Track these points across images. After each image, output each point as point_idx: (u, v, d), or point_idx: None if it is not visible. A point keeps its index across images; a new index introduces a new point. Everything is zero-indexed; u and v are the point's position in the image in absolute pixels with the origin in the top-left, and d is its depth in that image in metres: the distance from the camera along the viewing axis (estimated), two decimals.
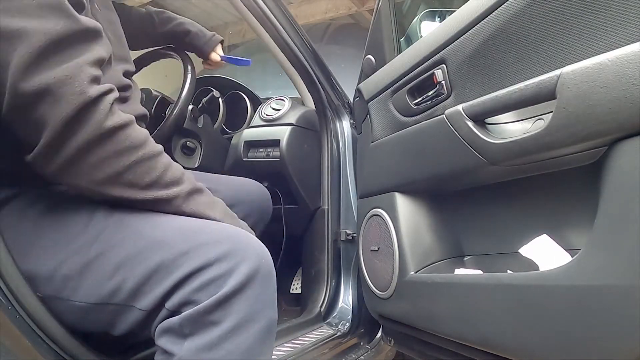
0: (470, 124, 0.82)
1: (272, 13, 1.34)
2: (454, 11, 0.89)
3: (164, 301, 0.59)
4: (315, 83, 1.47)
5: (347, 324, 1.39)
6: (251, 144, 1.52)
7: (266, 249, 0.65)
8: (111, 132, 0.56)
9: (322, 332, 1.34)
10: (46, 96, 0.52)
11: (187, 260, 0.58)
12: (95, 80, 0.55)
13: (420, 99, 1.00)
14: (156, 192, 0.62)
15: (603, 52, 0.61)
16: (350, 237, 1.47)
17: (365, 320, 1.41)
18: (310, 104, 1.56)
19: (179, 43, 1.23)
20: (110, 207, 0.64)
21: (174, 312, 0.58)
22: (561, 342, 0.67)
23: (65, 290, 0.61)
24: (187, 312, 0.57)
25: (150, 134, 0.65)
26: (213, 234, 0.62)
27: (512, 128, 0.81)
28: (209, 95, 1.45)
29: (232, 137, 1.60)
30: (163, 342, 0.59)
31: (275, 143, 1.46)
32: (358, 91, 1.28)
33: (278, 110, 1.52)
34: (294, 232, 1.61)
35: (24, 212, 0.65)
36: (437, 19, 1.18)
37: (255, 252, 0.62)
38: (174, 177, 0.63)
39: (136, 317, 0.61)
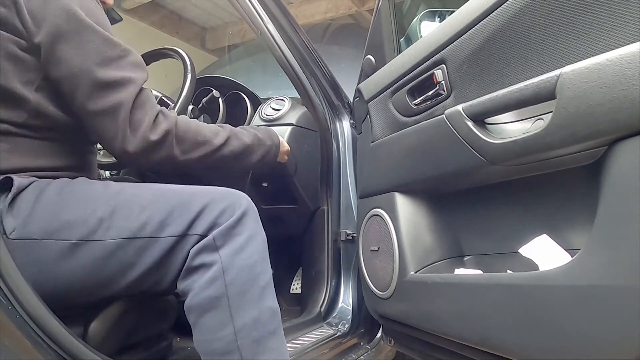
0: (470, 124, 0.82)
1: (272, 13, 1.34)
2: (454, 11, 0.89)
3: (189, 228, 0.76)
4: (311, 87, 1.46)
5: (347, 324, 1.39)
6: None
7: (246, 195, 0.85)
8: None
9: (322, 332, 1.34)
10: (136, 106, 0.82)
11: (198, 198, 0.78)
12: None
13: (420, 99, 1.00)
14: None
15: (603, 52, 0.62)
16: (350, 237, 1.46)
17: (365, 320, 1.41)
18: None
19: None
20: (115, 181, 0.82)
21: (202, 236, 0.76)
22: (561, 342, 0.67)
23: (99, 231, 0.72)
24: (217, 229, 0.77)
25: None
26: (204, 189, 0.82)
27: (512, 128, 0.81)
28: (209, 95, 1.45)
29: None
30: (199, 259, 0.76)
31: None
32: (358, 91, 1.28)
33: (278, 110, 1.51)
34: (294, 232, 1.60)
35: (43, 189, 0.74)
36: (437, 19, 1.18)
37: (241, 195, 0.84)
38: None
39: (161, 248, 0.75)
